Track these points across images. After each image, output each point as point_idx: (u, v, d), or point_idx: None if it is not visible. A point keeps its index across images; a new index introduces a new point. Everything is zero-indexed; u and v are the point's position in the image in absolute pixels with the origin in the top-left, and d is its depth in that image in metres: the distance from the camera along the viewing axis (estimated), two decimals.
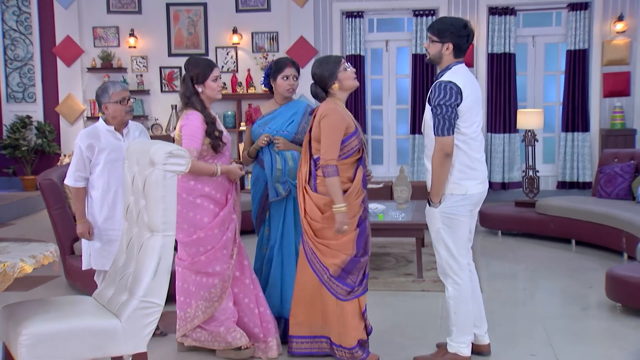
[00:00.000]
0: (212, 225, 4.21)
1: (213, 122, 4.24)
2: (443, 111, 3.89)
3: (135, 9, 10.81)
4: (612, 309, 5.22)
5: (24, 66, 11.13)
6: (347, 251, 4.13)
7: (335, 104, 4.16)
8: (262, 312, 4.37)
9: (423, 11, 10.23)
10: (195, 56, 4.47)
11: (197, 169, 4.12)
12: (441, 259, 4.13)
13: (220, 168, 4.20)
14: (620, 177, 7.40)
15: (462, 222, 4.07)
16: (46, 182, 5.87)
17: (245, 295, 4.36)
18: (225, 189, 4.30)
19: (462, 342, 4.16)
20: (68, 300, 3.55)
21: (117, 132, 4.52)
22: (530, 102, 10.39)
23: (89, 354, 3.20)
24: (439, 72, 4.11)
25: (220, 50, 10.75)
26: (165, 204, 3.34)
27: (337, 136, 4.07)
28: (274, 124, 4.59)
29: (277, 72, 4.57)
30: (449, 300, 4.17)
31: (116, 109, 4.47)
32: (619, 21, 9.77)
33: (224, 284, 4.25)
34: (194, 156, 4.09)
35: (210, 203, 4.23)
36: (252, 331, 4.34)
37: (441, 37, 4.02)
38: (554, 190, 10.13)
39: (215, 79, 4.27)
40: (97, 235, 4.55)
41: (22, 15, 11.06)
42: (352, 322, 4.18)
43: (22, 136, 10.85)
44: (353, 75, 4.20)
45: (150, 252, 3.33)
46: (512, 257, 7.04)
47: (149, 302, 3.31)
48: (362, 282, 4.21)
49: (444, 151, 3.92)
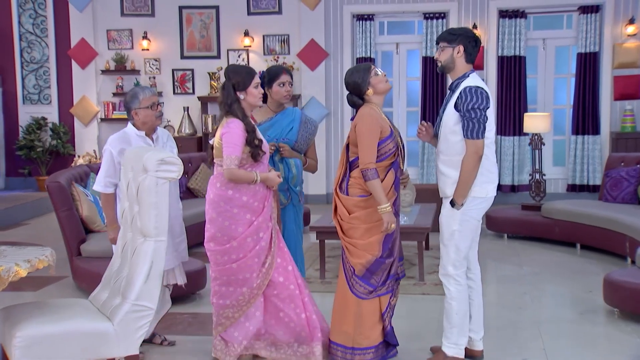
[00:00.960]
0: (245, 234, 4.19)
1: (253, 131, 4.20)
2: (477, 115, 4.00)
3: (149, 12, 10.95)
4: (609, 314, 5.23)
5: (39, 68, 11.33)
6: (372, 252, 4.19)
7: (370, 109, 4.23)
8: (308, 317, 4.33)
9: (433, 14, 10.27)
10: (235, 64, 4.56)
11: (237, 177, 4.11)
12: (448, 259, 4.19)
13: (260, 176, 4.20)
14: (626, 181, 7.39)
15: (476, 225, 4.19)
16: (54, 184, 5.99)
17: (291, 300, 4.32)
18: (263, 196, 4.27)
19: (462, 343, 4.23)
20: (64, 303, 3.65)
21: (148, 138, 4.47)
22: (541, 105, 10.39)
23: (82, 356, 3.31)
24: (455, 80, 4.17)
25: (232, 53, 10.85)
26: (157, 209, 3.43)
27: (373, 139, 4.14)
28: (273, 132, 4.62)
29: (273, 80, 4.61)
30: (451, 301, 4.21)
31: (147, 114, 4.42)
32: (630, 24, 9.74)
33: (251, 291, 4.24)
34: (235, 164, 4.08)
35: (247, 213, 4.20)
36: (299, 335, 4.31)
37: (451, 41, 4.15)
38: (564, 193, 10.13)
39: (257, 85, 4.24)
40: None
41: (38, 18, 11.25)
42: (369, 321, 4.24)
43: (37, 137, 11.05)
44: (384, 78, 4.28)
45: (143, 257, 3.43)
46: (516, 261, 7.06)
47: (141, 306, 3.40)
48: (385, 283, 4.26)
49: (478, 154, 4.03)
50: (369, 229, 4.18)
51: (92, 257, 5.85)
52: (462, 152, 4.09)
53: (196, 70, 10.96)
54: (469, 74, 4.15)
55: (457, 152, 4.11)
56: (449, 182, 4.15)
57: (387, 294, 4.28)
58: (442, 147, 4.21)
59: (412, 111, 10.71)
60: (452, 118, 4.11)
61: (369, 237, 4.18)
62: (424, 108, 10.38)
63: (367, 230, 4.18)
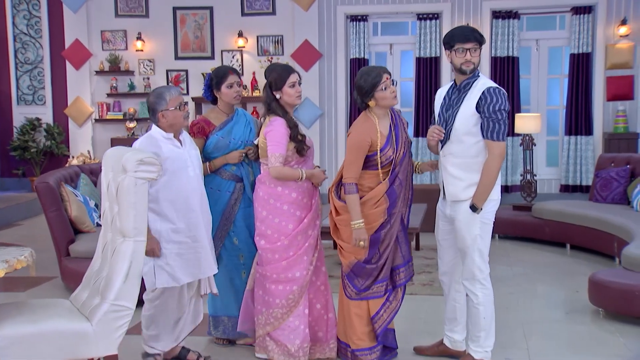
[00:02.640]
0: (296, 232, 4.24)
1: (296, 126, 4.25)
2: (503, 116, 3.95)
3: (143, 13, 10.98)
4: (595, 314, 5.25)
5: (34, 69, 11.35)
6: (357, 255, 4.21)
7: (366, 119, 4.16)
8: (329, 318, 4.43)
9: (427, 15, 10.28)
10: (274, 63, 4.50)
11: (283, 175, 4.17)
12: (473, 265, 4.12)
13: (305, 173, 4.24)
14: (616, 182, 7.40)
15: (491, 226, 4.15)
16: (42, 184, 6.01)
17: (317, 301, 4.41)
18: (311, 193, 4.32)
19: (489, 345, 4.21)
20: (43, 303, 3.65)
21: (176, 140, 4.15)
22: (534, 105, 10.41)
23: (61, 356, 3.31)
24: (464, 80, 4.05)
25: (226, 54, 10.88)
26: (136, 210, 3.44)
27: (358, 156, 4.10)
28: (236, 133, 4.51)
29: (220, 82, 4.48)
30: (478, 306, 4.15)
31: (175, 115, 4.07)
32: (623, 25, 9.76)
33: (301, 289, 4.28)
34: (280, 162, 4.14)
35: (297, 209, 4.25)
36: (317, 335, 4.40)
37: (482, 42, 4.03)
38: (557, 193, 10.14)
39: (293, 85, 4.24)
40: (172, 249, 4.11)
41: (32, 19, 11.27)
42: (356, 322, 4.26)
43: (31, 138, 11.08)
44: (392, 95, 4.11)
45: (122, 257, 3.44)
46: (505, 261, 7.07)
47: (120, 306, 3.41)
48: (370, 288, 4.25)
49: (502, 156, 3.98)
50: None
51: (80, 258, 5.83)
52: (478, 154, 4.01)
53: (190, 71, 10.98)
54: (478, 73, 4.08)
55: (474, 154, 4.02)
56: (462, 186, 4.06)
57: (377, 298, 4.27)
58: (454, 149, 4.07)
59: (406, 112, 10.70)
60: (470, 119, 3.99)
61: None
62: (418, 109, 10.40)
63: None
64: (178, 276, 4.06)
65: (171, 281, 4.07)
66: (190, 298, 4.29)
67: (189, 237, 4.07)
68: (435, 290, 5.92)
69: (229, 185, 4.51)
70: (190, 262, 4.08)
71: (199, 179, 4.19)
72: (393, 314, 4.36)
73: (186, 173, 4.07)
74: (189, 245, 4.07)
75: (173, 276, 4.06)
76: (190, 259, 4.08)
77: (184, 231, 4.06)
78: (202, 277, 4.19)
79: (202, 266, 4.13)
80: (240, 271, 4.62)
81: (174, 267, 4.04)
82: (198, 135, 4.49)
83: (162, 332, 4.26)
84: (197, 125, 4.52)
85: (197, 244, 4.09)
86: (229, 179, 4.51)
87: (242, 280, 4.59)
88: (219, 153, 4.48)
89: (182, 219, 4.05)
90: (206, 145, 4.49)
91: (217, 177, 4.51)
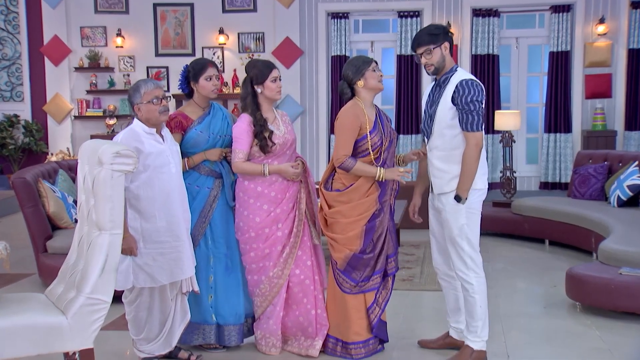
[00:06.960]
0: (262, 225, 4.33)
1: (262, 124, 4.29)
2: (477, 107, 4.01)
3: (123, 9, 10.92)
4: (571, 307, 5.29)
5: (12, 65, 11.25)
6: (351, 246, 4.24)
7: (353, 105, 4.25)
8: (318, 314, 4.42)
9: (408, 12, 10.31)
10: (255, 59, 4.50)
11: (243, 170, 4.31)
12: (464, 254, 4.14)
13: (268, 168, 4.29)
14: (594, 178, 7.46)
15: (478, 216, 4.18)
16: (19, 180, 5.96)
17: (304, 295, 4.42)
18: (283, 187, 4.36)
19: (485, 335, 4.22)
20: (17, 298, 3.61)
21: (157, 135, 4.06)
22: (514, 103, 10.46)
23: (35, 350, 3.28)
24: (443, 75, 4.14)
25: (207, 51, 10.84)
26: (112, 202, 3.41)
27: (347, 135, 4.18)
28: (215, 127, 4.44)
29: (199, 74, 4.38)
30: (474, 295, 4.15)
31: (149, 109, 3.99)
32: (601, 24, 9.84)
33: (271, 280, 4.37)
34: (240, 157, 4.28)
35: (264, 203, 4.34)
36: (306, 330, 4.43)
37: (436, 41, 4.10)
38: (536, 190, 10.21)
39: (274, 79, 4.33)
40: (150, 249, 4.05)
41: (10, 15, 11.17)
42: (354, 316, 4.30)
43: (9, 135, 10.97)
44: (380, 78, 4.28)
45: (98, 250, 3.40)
46: (485, 257, 6.91)
47: (96, 299, 3.37)
48: (369, 278, 4.30)
49: (479, 146, 4.04)
50: (350, 223, 4.24)
51: (58, 254, 5.77)
52: (460, 146, 4.07)
53: (171, 68, 10.92)
54: (456, 67, 4.15)
55: (455, 146, 4.09)
56: (447, 178, 4.12)
57: (372, 290, 4.33)
58: (437, 143, 4.15)
59: (387, 109, 10.71)
60: (448, 113, 4.07)
61: (348, 232, 4.24)
62: (399, 106, 10.42)
63: (348, 224, 4.25)
64: (157, 277, 4.02)
65: (150, 281, 4.03)
66: (175, 296, 4.23)
67: (170, 236, 4.01)
68: (414, 285, 5.94)
69: (208, 181, 4.42)
70: (171, 262, 4.02)
71: (180, 176, 4.15)
72: (384, 304, 4.40)
73: (168, 169, 4.03)
74: (170, 244, 4.01)
75: (152, 277, 4.01)
76: (172, 259, 4.03)
77: (165, 230, 4.00)
78: (183, 277, 4.11)
79: (184, 266, 4.07)
80: (208, 275, 4.47)
81: (153, 267, 3.99)
82: (176, 130, 4.35)
83: (151, 335, 4.21)
84: (175, 120, 4.37)
85: (178, 242, 4.03)
86: (207, 174, 4.42)
87: (208, 285, 4.44)
88: (198, 148, 4.39)
89: (163, 218, 3.99)
90: (185, 140, 4.37)
91: (194, 172, 4.41)
